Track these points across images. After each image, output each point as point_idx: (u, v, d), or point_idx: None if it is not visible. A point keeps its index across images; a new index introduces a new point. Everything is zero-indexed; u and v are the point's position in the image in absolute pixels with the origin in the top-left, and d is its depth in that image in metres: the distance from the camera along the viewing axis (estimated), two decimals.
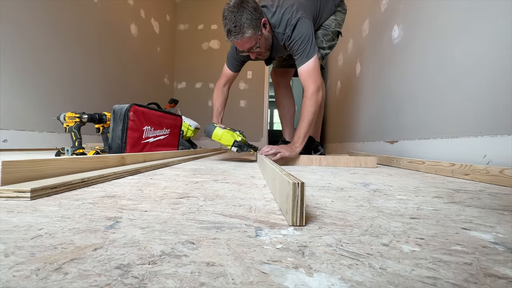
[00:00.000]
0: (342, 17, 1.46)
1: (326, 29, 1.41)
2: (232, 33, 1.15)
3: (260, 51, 1.26)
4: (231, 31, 1.14)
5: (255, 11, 1.14)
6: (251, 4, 1.15)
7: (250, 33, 1.15)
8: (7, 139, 1.68)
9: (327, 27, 1.41)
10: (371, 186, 0.61)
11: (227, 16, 1.14)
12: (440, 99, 1.24)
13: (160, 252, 0.22)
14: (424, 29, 1.39)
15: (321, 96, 1.22)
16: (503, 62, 0.91)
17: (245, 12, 1.12)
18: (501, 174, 0.67)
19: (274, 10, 1.24)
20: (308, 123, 1.20)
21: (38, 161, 0.48)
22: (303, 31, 1.20)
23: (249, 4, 1.14)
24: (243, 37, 1.16)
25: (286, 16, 1.21)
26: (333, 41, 1.44)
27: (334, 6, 1.41)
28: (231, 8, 1.14)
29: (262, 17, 1.18)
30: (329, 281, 0.18)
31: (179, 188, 0.52)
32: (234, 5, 1.14)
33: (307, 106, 1.19)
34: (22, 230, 0.26)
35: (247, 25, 1.13)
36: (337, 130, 2.97)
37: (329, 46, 1.43)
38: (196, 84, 4.16)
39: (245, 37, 1.16)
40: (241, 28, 1.13)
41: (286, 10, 1.22)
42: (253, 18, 1.14)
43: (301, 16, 1.20)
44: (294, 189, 0.28)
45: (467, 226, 0.31)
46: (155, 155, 1.05)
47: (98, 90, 2.51)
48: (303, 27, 1.20)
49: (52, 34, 2.00)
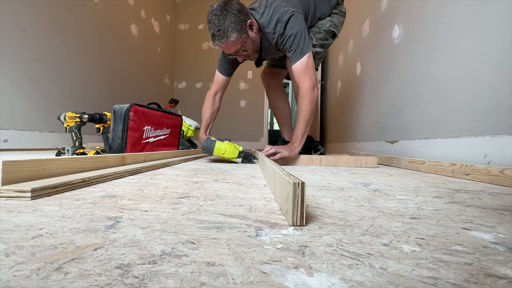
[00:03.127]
0: (339, 20, 1.42)
1: (319, 28, 1.37)
2: (216, 37, 1.12)
3: (247, 53, 1.23)
4: (215, 35, 1.11)
5: (239, 13, 1.11)
6: (235, 6, 1.11)
7: (234, 36, 1.12)
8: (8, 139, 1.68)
9: (320, 26, 1.37)
10: (371, 186, 0.61)
11: (211, 19, 1.11)
12: (441, 99, 1.24)
13: (161, 252, 0.22)
14: (424, 28, 1.39)
15: (317, 94, 1.19)
16: (504, 61, 0.91)
17: (228, 15, 1.09)
18: (501, 174, 0.67)
19: (263, 11, 1.20)
20: (306, 122, 1.17)
21: (39, 161, 0.48)
22: (295, 27, 1.15)
23: (233, 6, 1.10)
24: (227, 41, 1.12)
25: (276, 14, 1.17)
26: (326, 40, 1.39)
27: (330, 8, 1.37)
28: (215, 11, 1.10)
29: (247, 19, 1.14)
30: (330, 281, 0.18)
31: (180, 188, 0.52)
32: (217, 8, 1.10)
33: (303, 105, 1.16)
34: (23, 230, 0.26)
35: (231, 28, 1.10)
36: (338, 130, 2.97)
37: (320, 44, 1.38)
38: (196, 84, 4.17)
39: (230, 40, 1.12)
40: (225, 32, 1.10)
41: (275, 9, 1.18)
42: (237, 21, 1.10)
43: (293, 11, 1.16)
44: (295, 189, 0.28)
45: (467, 226, 0.31)
46: (155, 155, 1.05)
47: (99, 90, 2.52)
48: (296, 23, 1.16)
49: (53, 34, 2.00)
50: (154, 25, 3.55)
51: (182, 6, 4.22)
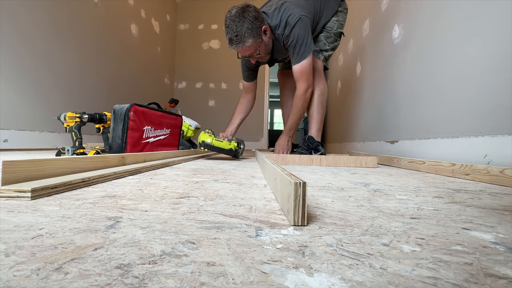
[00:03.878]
0: (343, 17, 1.49)
1: (329, 31, 1.44)
2: (233, 42, 1.20)
3: (260, 56, 1.32)
4: (232, 40, 1.20)
5: (255, 20, 1.19)
6: (252, 13, 1.18)
7: (250, 42, 1.21)
8: (8, 139, 1.68)
9: (329, 29, 1.44)
10: (371, 186, 0.61)
11: (229, 25, 1.19)
12: (441, 99, 1.24)
13: (161, 252, 0.22)
14: (424, 28, 1.39)
15: (309, 94, 1.36)
16: (504, 61, 0.91)
17: (245, 22, 1.17)
18: (501, 174, 0.67)
19: (273, 14, 1.28)
20: (298, 117, 1.38)
21: (39, 161, 0.48)
22: (300, 31, 1.24)
23: (250, 13, 1.18)
24: (243, 46, 1.21)
25: (285, 17, 1.25)
26: (336, 42, 1.48)
27: (337, 5, 1.44)
28: (233, 17, 1.18)
29: (262, 25, 1.23)
30: (330, 281, 0.18)
31: (180, 188, 0.52)
32: (235, 14, 1.18)
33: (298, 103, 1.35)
34: (23, 230, 0.26)
35: (248, 34, 1.18)
36: (338, 130, 2.97)
37: (332, 47, 1.47)
38: (197, 84, 4.16)
39: (246, 46, 1.22)
40: (242, 38, 1.19)
41: (284, 12, 1.26)
42: (253, 27, 1.19)
43: (300, 16, 1.24)
44: (296, 189, 0.28)
45: (467, 226, 0.31)
46: (155, 155, 1.05)
47: (98, 90, 2.51)
48: (301, 27, 1.24)
49: (52, 34, 2.00)
50: (154, 25, 3.55)
51: (182, 6, 4.22)
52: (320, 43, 1.43)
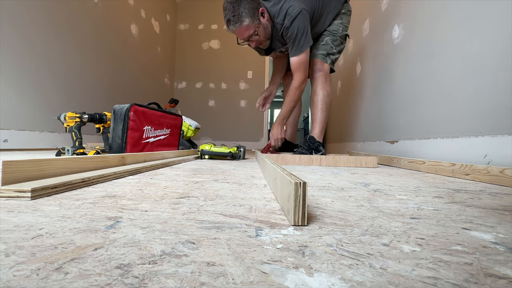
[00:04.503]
0: (347, 19, 1.51)
1: (334, 35, 1.46)
2: (231, 22, 1.24)
3: (259, 39, 1.35)
4: (230, 20, 1.24)
5: (252, 1, 1.23)
6: None
7: (248, 21, 1.24)
8: (8, 139, 1.68)
9: (335, 32, 1.46)
10: (371, 186, 0.61)
11: (227, 7, 1.23)
12: (441, 99, 1.24)
13: (161, 252, 0.22)
14: (424, 28, 1.39)
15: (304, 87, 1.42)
16: (504, 61, 0.91)
17: (242, 2, 1.21)
18: (501, 174, 0.67)
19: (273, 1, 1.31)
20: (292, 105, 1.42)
21: (39, 161, 0.48)
22: (300, 24, 1.26)
23: None
24: (241, 25, 1.24)
25: (286, 6, 1.27)
26: (342, 45, 1.50)
27: (339, 5, 1.45)
28: None
29: (259, 7, 1.27)
30: (330, 281, 0.18)
31: (180, 188, 0.52)
32: None
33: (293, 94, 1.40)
34: (23, 230, 0.26)
35: (245, 14, 1.22)
36: (338, 130, 2.97)
37: (338, 50, 1.49)
38: (196, 84, 4.16)
39: (243, 25, 1.25)
40: (239, 17, 1.22)
41: (285, 2, 1.28)
42: (250, 7, 1.23)
43: (301, 9, 1.25)
44: (296, 189, 0.28)
45: (467, 226, 0.31)
46: (155, 155, 1.05)
47: (98, 90, 2.51)
48: (301, 20, 1.26)
49: (52, 34, 2.00)
50: (154, 25, 3.55)
51: (182, 6, 4.22)
52: (327, 46, 1.45)
